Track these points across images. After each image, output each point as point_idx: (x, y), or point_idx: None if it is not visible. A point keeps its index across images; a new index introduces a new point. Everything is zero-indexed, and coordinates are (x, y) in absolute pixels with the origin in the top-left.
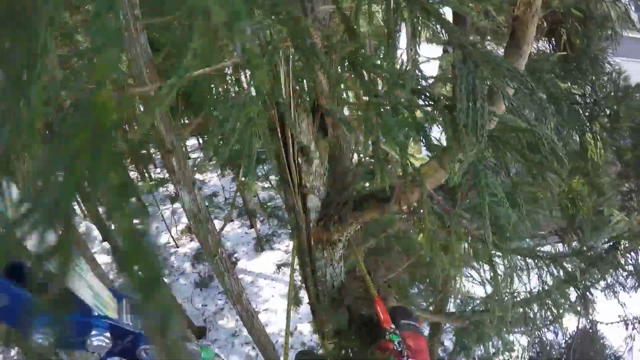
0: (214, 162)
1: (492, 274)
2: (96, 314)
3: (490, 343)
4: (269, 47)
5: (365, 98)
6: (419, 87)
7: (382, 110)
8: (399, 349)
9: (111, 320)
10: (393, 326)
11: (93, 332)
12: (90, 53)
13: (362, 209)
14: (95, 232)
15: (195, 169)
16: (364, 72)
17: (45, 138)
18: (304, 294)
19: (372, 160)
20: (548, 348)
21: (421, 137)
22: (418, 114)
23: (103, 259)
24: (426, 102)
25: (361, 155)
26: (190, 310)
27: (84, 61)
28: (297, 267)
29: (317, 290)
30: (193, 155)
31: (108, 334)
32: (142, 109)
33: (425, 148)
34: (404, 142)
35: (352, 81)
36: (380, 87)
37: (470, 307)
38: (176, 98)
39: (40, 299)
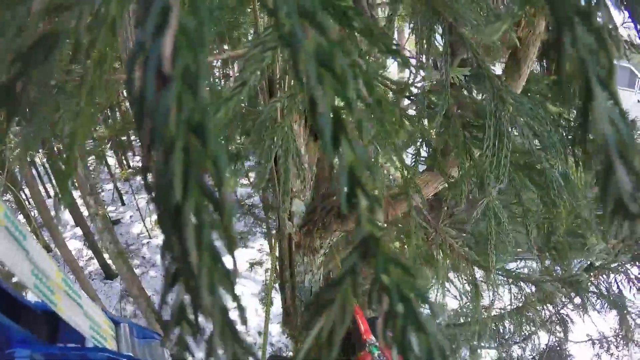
0: None
1: (473, 292)
2: (92, 345)
3: (459, 354)
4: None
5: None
6: (426, 96)
7: (382, 117)
8: None
9: (110, 352)
10: (373, 338)
11: None
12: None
13: (347, 218)
14: (67, 216)
15: None
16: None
17: None
18: (274, 295)
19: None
20: None
21: (428, 150)
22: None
23: (74, 245)
24: (434, 114)
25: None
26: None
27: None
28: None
29: (294, 296)
30: None
31: None
32: (125, 94)
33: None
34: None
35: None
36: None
37: (444, 320)
38: None
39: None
